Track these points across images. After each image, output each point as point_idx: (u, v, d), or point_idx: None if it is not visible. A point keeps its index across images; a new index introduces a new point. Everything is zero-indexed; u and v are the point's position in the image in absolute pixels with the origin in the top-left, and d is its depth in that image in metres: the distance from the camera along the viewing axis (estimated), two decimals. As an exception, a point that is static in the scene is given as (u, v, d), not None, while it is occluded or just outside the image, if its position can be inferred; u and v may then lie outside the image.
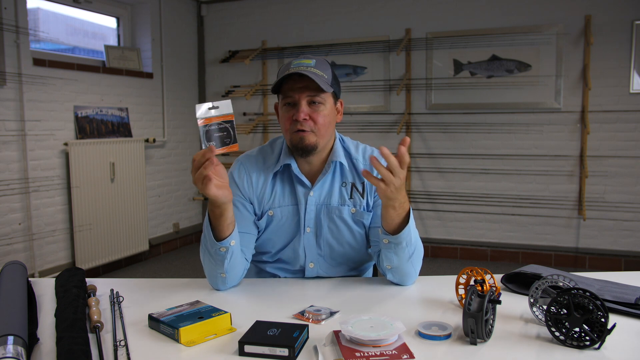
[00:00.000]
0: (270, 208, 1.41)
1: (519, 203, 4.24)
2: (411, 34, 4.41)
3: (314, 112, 1.32)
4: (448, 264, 4.30)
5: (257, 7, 4.89)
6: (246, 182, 1.42)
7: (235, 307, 1.16)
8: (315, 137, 1.33)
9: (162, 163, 4.66)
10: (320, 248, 1.42)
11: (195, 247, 4.97)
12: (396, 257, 1.27)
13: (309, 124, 1.32)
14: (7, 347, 0.86)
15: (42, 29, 3.79)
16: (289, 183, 1.42)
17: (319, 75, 1.30)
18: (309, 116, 1.32)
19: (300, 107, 1.31)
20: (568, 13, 4.00)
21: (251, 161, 1.45)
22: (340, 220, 1.41)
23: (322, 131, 1.34)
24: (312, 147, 1.34)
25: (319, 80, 1.28)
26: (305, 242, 1.41)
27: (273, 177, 1.42)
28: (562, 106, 4.08)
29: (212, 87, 5.12)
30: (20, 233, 3.42)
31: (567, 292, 0.96)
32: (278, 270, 1.46)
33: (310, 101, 1.32)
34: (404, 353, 0.91)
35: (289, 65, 1.33)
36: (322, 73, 1.31)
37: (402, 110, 4.47)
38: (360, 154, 1.44)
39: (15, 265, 1.28)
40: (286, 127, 1.35)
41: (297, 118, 1.31)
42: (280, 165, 1.40)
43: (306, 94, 1.31)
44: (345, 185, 1.42)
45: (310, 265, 1.42)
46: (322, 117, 1.33)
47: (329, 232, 1.42)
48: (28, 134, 3.42)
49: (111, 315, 1.10)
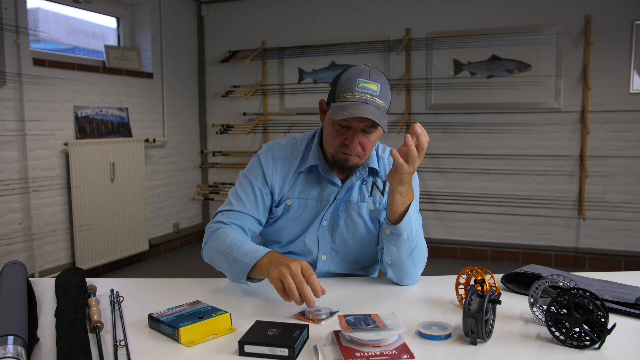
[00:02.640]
0: (289, 197, 1.43)
1: (519, 203, 4.24)
2: (411, 34, 4.41)
3: (365, 140, 1.33)
4: (448, 264, 4.30)
5: (257, 7, 4.89)
6: (272, 167, 1.44)
7: (235, 307, 1.16)
8: (359, 160, 1.37)
9: (162, 163, 4.66)
10: (334, 242, 1.43)
11: (195, 247, 4.97)
12: (396, 250, 1.28)
13: (357, 150, 1.33)
14: (7, 347, 0.86)
15: (42, 29, 3.79)
16: (316, 180, 1.44)
17: (381, 108, 1.29)
18: (359, 143, 1.33)
19: (354, 136, 1.31)
20: (568, 13, 4.00)
21: (280, 149, 1.47)
22: (357, 216, 1.42)
23: (367, 155, 1.38)
24: (353, 167, 1.39)
25: (380, 120, 1.26)
26: (320, 234, 1.42)
27: (296, 171, 1.44)
28: (562, 106, 4.08)
29: (212, 87, 5.12)
30: (20, 233, 3.42)
31: (567, 292, 0.96)
32: None
33: (365, 130, 1.32)
34: (404, 353, 0.91)
35: (354, 83, 1.29)
36: (383, 103, 1.30)
37: (402, 110, 4.47)
38: (386, 155, 1.49)
39: (15, 265, 1.28)
40: (333, 145, 1.35)
41: (348, 144, 1.32)
42: (307, 165, 1.42)
43: (364, 124, 1.30)
44: (365, 183, 1.44)
45: (323, 258, 1.43)
46: (370, 144, 1.35)
47: (345, 227, 1.43)
48: (28, 134, 3.42)
49: (111, 315, 1.10)
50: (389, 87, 1.36)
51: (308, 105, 4.74)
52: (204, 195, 5.16)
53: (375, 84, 1.30)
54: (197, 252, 4.78)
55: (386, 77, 1.36)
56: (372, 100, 1.28)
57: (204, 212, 5.26)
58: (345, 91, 1.30)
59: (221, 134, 5.02)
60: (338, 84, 1.33)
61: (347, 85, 1.31)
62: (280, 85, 4.87)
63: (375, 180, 1.45)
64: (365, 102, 1.27)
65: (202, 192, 5.16)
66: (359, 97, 1.28)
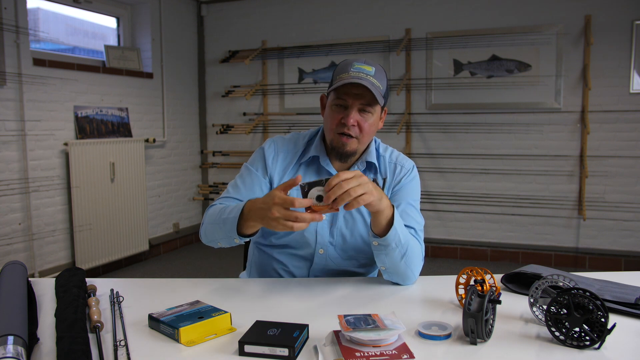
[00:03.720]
0: None
1: (519, 203, 4.24)
2: (411, 34, 4.41)
3: (362, 120, 1.36)
4: (448, 264, 4.30)
5: (257, 7, 4.89)
6: (272, 157, 1.47)
7: (235, 307, 1.16)
8: (357, 144, 1.39)
9: (162, 163, 4.66)
10: (332, 236, 1.43)
11: (195, 247, 4.98)
12: (387, 259, 1.28)
13: (355, 130, 1.36)
14: (7, 347, 0.86)
15: (42, 29, 3.79)
16: (316, 173, 1.46)
17: (376, 87, 1.33)
18: (357, 122, 1.35)
19: (350, 112, 1.34)
20: (568, 13, 4.00)
21: (283, 142, 1.50)
22: (357, 212, 1.43)
23: (365, 138, 1.39)
24: (352, 152, 1.40)
25: (376, 93, 1.31)
26: (319, 228, 1.42)
27: (297, 161, 1.46)
28: (562, 106, 4.08)
29: (212, 87, 5.12)
30: (20, 233, 3.42)
31: (567, 292, 0.96)
32: (285, 255, 1.45)
33: (361, 109, 1.35)
34: (404, 353, 0.91)
35: (350, 66, 1.35)
36: (379, 84, 1.34)
37: (402, 110, 4.47)
38: (387, 154, 1.50)
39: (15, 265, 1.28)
40: (332, 126, 1.38)
41: (345, 122, 1.34)
42: (308, 156, 1.45)
43: (360, 101, 1.34)
44: None
45: (320, 251, 1.43)
46: (368, 125, 1.37)
47: (343, 222, 1.43)
48: (28, 134, 3.42)
49: (111, 315, 1.10)
50: (386, 75, 1.40)
51: (308, 105, 4.74)
52: (204, 195, 5.16)
53: (370, 66, 1.35)
54: (197, 252, 4.80)
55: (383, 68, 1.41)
56: (367, 78, 1.32)
57: (204, 212, 5.25)
58: (341, 73, 1.35)
59: (221, 134, 5.02)
60: (335, 71, 1.39)
61: (343, 68, 1.37)
62: (280, 85, 4.87)
63: (376, 177, 1.46)
64: (360, 79, 1.31)
65: (202, 192, 5.16)
66: (353, 75, 1.32)
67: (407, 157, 1.54)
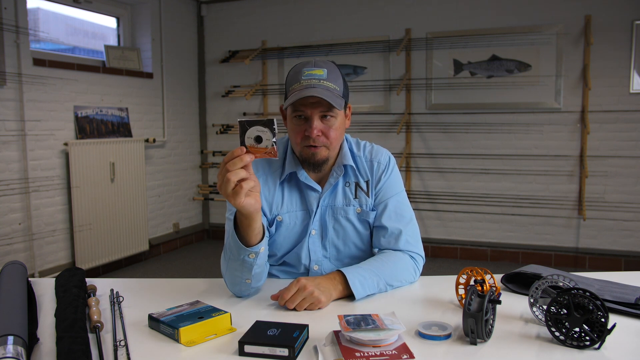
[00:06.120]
0: (279, 213, 1.39)
1: (519, 203, 4.24)
2: (411, 34, 4.41)
3: (326, 127, 1.30)
4: (448, 264, 4.30)
5: (257, 7, 4.89)
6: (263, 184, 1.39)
7: (235, 307, 1.16)
8: (327, 151, 1.33)
9: (162, 163, 4.66)
10: (325, 250, 1.42)
11: (195, 247, 4.98)
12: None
13: (321, 139, 1.30)
14: (7, 347, 0.86)
15: (42, 29, 3.79)
16: (297, 188, 1.41)
17: (331, 89, 1.27)
18: (321, 132, 1.30)
19: (312, 123, 1.28)
20: (568, 13, 4.00)
21: (261, 165, 1.41)
22: (346, 221, 1.40)
23: (334, 144, 1.34)
24: (323, 161, 1.34)
25: (331, 99, 1.25)
26: (311, 244, 1.40)
27: (280, 183, 1.41)
28: (562, 106, 4.08)
29: (212, 87, 5.12)
30: (20, 233, 3.42)
31: (567, 292, 0.96)
32: (282, 273, 1.46)
33: (322, 115, 1.29)
34: (404, 353, 0.91)
35: (300, 74, 1.29)
36: (334, 85, 1.29)
37: (402, 110, 4.47)
38: (362, 151, 1.45)
39: (15, 266, 1.28)
40: (297, 140, 1.32)
41: (309, 134, 1.29)
42: (286, 174, 1.39)
43: (319, 109, 1.28)
44: (348, 185, 1.41)
45: (315, 268, 1.41)
46: (333, 131, 1.31)
47: (334, 234, 1.41)
48: (28, 134, 3.42)
49: (111, 315, 1.10)
50: (340, 73, 1.34)
51: (308, 105, 4.73)
52: (204, 195, 5.16)
53: (321, 69, 1.29)
54: (197, 252, 4.80)
55: (335, 65, 1.35)
56: (319, 83, 1.27)
57: (204, 212, 5.26)
58: (293, 83, 1.30)
59: (221, 134, 5.02)
60: (286, 82, 1.33)
61: (294, 78, 1.31)
62: (280, 85, 4.87)
63: (358, 180, 1.42)
64: (312, 87, 1.26)
65: (202, 192, 5.16)
66: (305, 84, 1.27)
67: (380, 148, 1.48)
